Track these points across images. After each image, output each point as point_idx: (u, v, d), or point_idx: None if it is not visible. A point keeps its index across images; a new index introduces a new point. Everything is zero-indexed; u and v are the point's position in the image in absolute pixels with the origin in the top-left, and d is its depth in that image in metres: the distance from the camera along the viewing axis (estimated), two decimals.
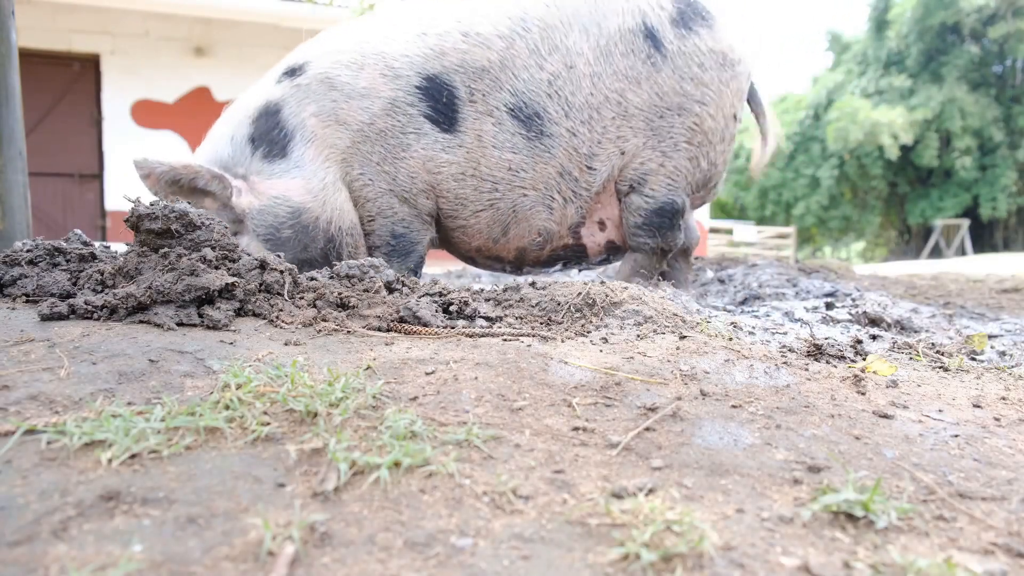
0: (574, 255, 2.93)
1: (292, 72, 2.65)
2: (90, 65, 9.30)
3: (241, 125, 2.61)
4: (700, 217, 12.95)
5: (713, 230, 19.09)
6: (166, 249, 1.73)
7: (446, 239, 2.89)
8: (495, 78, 2.60)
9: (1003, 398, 1.53)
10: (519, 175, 2.66)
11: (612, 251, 2.99)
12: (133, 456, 1.03)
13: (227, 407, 1.19)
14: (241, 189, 2.54)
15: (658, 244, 2.86)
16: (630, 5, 2.71)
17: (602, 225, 2.88)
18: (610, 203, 2.85)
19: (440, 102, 2.58)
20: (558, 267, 3.01)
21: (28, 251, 1.88)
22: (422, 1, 2.84)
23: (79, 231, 2.11)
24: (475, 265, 2.96)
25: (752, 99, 3.14)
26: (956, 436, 1.28)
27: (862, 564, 0.86)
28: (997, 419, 1.39)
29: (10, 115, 2.99)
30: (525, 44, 2.62)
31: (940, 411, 1.42)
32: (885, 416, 1.36)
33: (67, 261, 1.87)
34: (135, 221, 1.76)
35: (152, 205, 1.77)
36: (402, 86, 2.57)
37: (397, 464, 1.04)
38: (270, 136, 2.56)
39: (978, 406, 1.47)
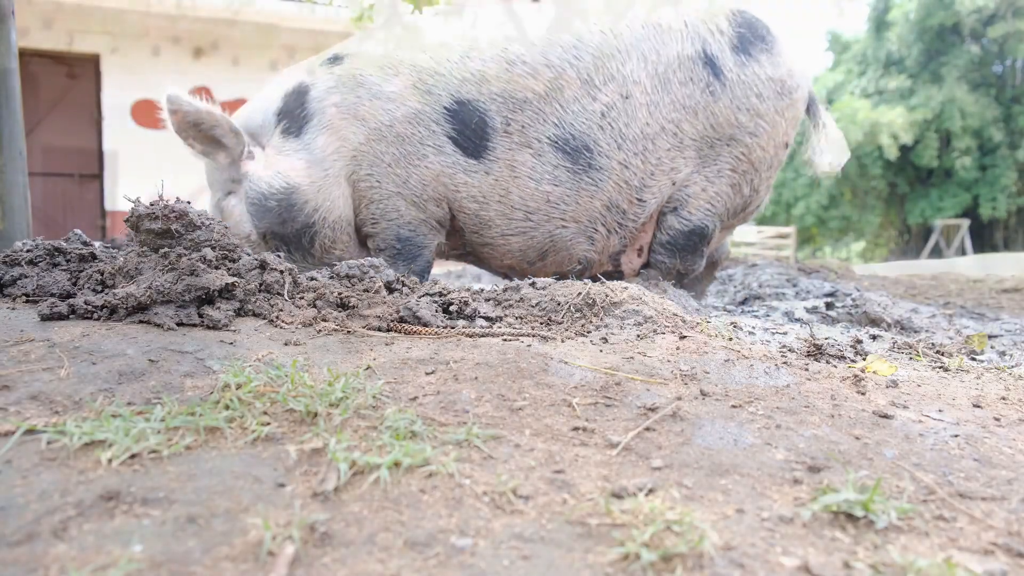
0: (609, 279, 2.93)
1: (332, 60, 2.73)
2: (90, 65, 9.30)
3: (275, 99, 2.70)
4: None
5: None
6: (166, 249, 1.73)
7: (475, 253, 2.86)
8: (539, 110, 2.54)
9: (1003, 398, 1.53)
10: (558, 207, 2.60)
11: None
12: (133, 456, 1.03)
13: (227, 407, 1.19)
14: (255, 154, 2.63)
15: (675, 265, 2.81)
16: (689, 30, 2.63)
17: (640, 252, 2.84)
18: (651, 230, 2.79)
19: (468, 127, 2.56)
20: None
21: (28, 251, 1.88)
22: (472, 19, 2.77)
23: (79, 231, 2.11)
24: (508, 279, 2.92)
25: (811, 111, 3.01)
26: (956, 436, 1.28)
27: (862, 564, 0.86)
28: (997, 419, 1.39)
29: (10, 116, 2.98)
30: (576, 74, 2.54)
31: (940, 411, 1.42)
32: (885, 416, 1.36)
33: (67, 261, 1.87)
34: (135, 221, 1.76)
35: (152, 205, 1.77)
36: (431, 103, 2.58)
37: (397, 464, 1.04)
38: (292, 114, 2.64)
39: (978, 406, 1.47)
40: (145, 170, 8.14)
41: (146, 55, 9.34)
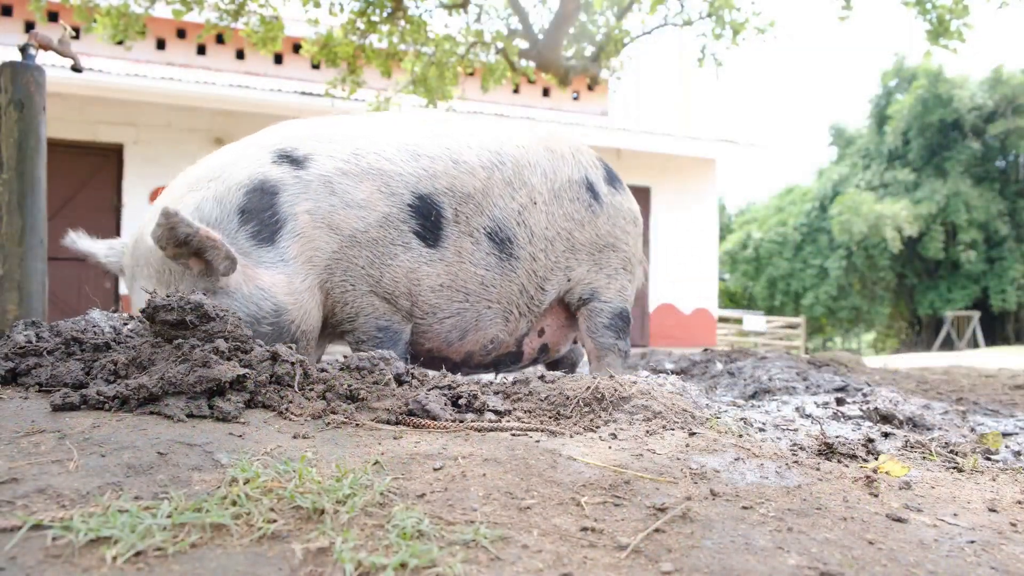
0: (511, 359, 3.14)
1: (293, 160, 2.63)
2: (113, 155, 9.59)
3: (231, 191, 2.52)
4: (708, 306, 12.99)
5: (722, 319, 19.09)
6: (180, 340, 1.75)
7: None
8: (478, 203, 2.81)
9: (1019, 502, 1.51)
10: (488, 289, 2.86)
11: (542, 352, 3.23)
12: (138, 553, 1.02)
13: (234, 503, 1.19)
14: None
15: (619, 343, 3.13)
16: (575, 160, 3.13)
17: (541, 332, 3.15)
18: (551, 314, 3.14)
19: (429, 220, 2.71)
20: (491, 370, 3.17)
21: (40, 340, 1.91)
22: (402, 116, 3.03)
23: (97, 312, 2.15)
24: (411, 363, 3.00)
25: None
26: (972, 542, 1.25)
27: None
28: (1013, 524, 1.37)
29: (34, 205, 3.07)
30: (501, 176, 2.87)
31: (955, 515, 1.39)
32: (899, 520, 1.33)
33: (82, 350, 1.89)
34: (151, 312, 1.79)
35: (168, 297, 1.81)
36: (396, 203, 2.67)
37: (403, 565, 1.03)
38: (262, 217, 2.50)
39: (993, 510, 1.44)
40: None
41: (168, 145, 9.64)
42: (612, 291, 3.13)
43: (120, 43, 7.57)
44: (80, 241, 2.78)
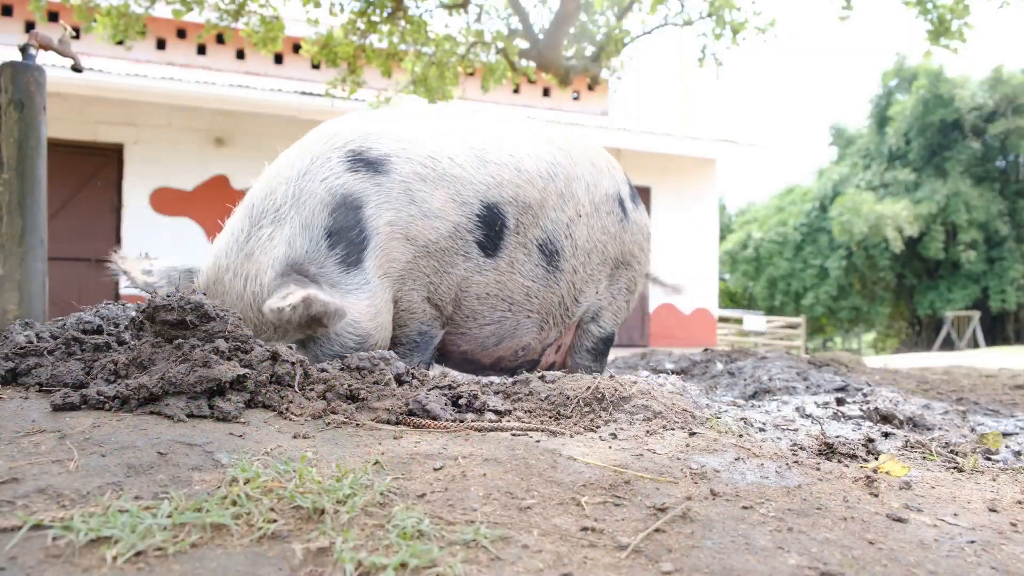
0: (529, 366, 3.12)
1: (369, 164, 2.42)
2: (113, 154, 9.59)
3: (315, 214, 2.30)
4: (708, 306, 12.99)
5: (722, 319, 19.08)
6: (180, 340, 1.75)
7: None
8: (535, 214, 2.75)
9: (1019, 502, 1.51)
10: (531, 300, 2.83)
11: (552, 365, 3.23)
12: (138, 553, 1.02)
13: (234, 503, 1.19)
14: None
15: (596, 368, 3.15)
16: (611, 175, 3.12)
17: (558, 349, 3.15)
18: (572, 331, 3.14)
19: (493, 230, 2.64)
20: (511, 373, 3.14)
21: (40, 340, 1.91)
22: (463, 115, 2.90)
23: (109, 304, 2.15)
24: (444, 364, 3.02)
25: None
26: (972, 542, 1.25)
27: None
28: (1014, 524, 1.37)
29: (34, 205, 3.07)
30: (555, 188, 2.82)
31: (955, 515, 1.39)
32: (899, 520, 1.33)
33: (82, 350, 1.89)
34: (151, 312, 1.79)
35: (168, 297, 1.81)
36: (466, 213, 2.57)
37: (404, 565, 1.03)
38: (349, 236, 2.31)
39: (994, 510, 1.44)
40: (161, 256, 8.28)
41: (168, 145, 9.64)
42: (610, 314, 3.15)
43: (120, 43, 7.57)
44: (132, 272, 2.46)
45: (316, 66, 10.72)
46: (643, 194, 12.26)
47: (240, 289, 2.27)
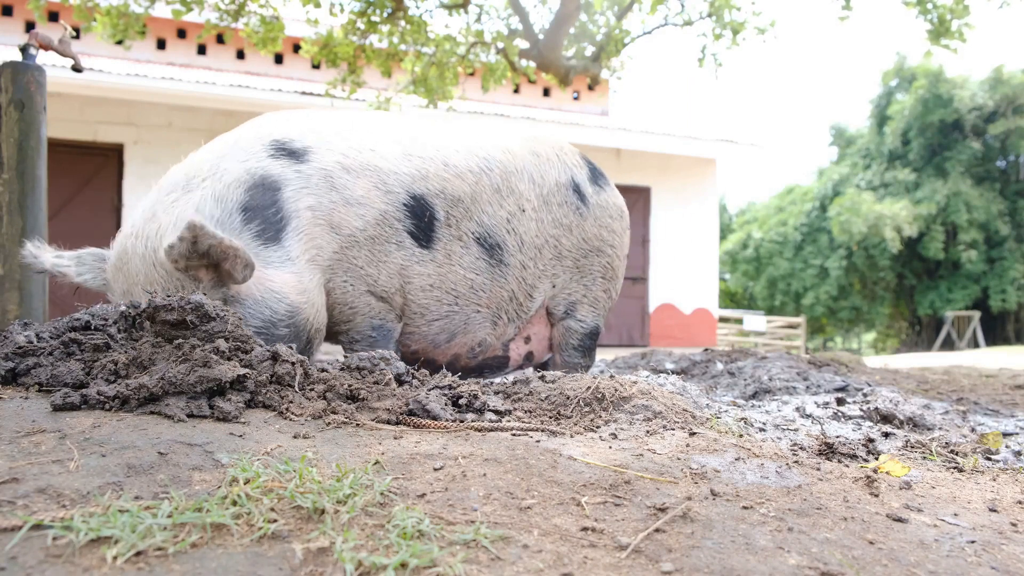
0: (498, 364, 3.15)
1: (292, 154, 2.53)
2: (113, 154, 9.59)
3: (230, 188, 2.38)
4: (708, 306, 12.99)
5: (723, 319, 19.09)
6: (180, 340, 1.75)
7: None
8: (467, 208, 2.80)
9: (1019, 502, 1.51)
10: (478, 293, 2.86)
11: (527, 359, 3.25)
12: (139, 553, 1.02)
13: (234, 503, 1.19)
14: None
15: (586, 363, 3.18)
16: (560, 162, 3.12)
17: (527, 339, 3.16)
18: (538, 322, 3.16)
19: (422, 220, 2.70)
20: (477, 373, 3.18)
21: (40, 340, 1.91)
22: (389, 115, 3.01)
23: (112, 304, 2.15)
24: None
25: None
26: (972, 542, 1.25)
27: None
28: (1014, 524, 1.37)
29: (35, 204, 3.08)
30: (490, 182, 2.86)
31: (955, 515, 1.39)
32: (899, 520, 1.33)
33: (82, 351, 1.89)
34: (151, 312, 1.79)
35: (169, 297, 1.81)
36: (392, 201, 2.64)
37: (404, 565, 1.03)
38: (266, 214, 2.39)
39: (994, 510, 1.44)
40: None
41: (168, 145, 9.64)
42: (587, 306, 3.15)
43: (120, 43, 7.57)
44: (42, 256, 2.50)
45: (316, 66, 10.73)
46: (643, 194, 12.27)
47: (142, 250, 2.30)
